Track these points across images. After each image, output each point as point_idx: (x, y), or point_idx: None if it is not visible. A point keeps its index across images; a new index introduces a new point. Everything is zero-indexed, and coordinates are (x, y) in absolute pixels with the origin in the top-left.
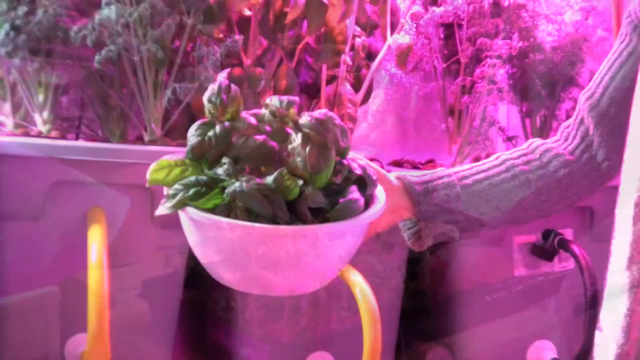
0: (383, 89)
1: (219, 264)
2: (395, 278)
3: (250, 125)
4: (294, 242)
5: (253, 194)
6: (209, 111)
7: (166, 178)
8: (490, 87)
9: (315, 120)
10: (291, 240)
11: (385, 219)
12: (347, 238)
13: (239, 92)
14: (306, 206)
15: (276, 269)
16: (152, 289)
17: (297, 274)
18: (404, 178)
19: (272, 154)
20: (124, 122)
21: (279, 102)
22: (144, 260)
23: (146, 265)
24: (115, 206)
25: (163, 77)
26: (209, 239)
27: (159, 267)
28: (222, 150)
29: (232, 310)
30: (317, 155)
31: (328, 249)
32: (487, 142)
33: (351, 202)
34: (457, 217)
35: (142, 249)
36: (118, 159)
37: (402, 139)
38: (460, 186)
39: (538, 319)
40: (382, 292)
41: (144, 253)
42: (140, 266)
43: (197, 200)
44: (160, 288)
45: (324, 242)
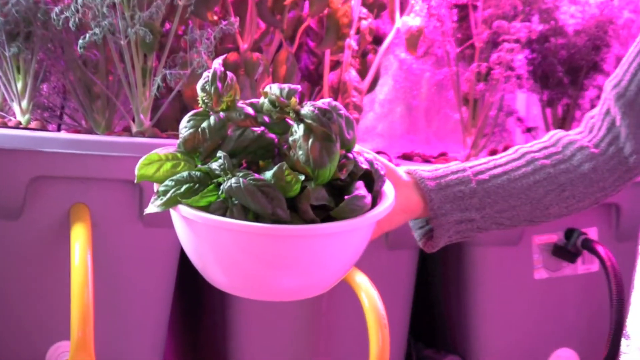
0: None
1: (214, 267)
2: (404, 281)
3: (248, 115)
4: (295, 243)
5: (250, 191)
6: (202, 101)
7: (156, 174)
8: (508, 74)
9: (319, 111)
10: (292, 241)
11: (394, 217)
12: (353, 238)
13: (235, 80)
14: (308, 204)
15: (276, 272)
16: (141, 293)
17: (299, 277)
18: (414, 173)
19: (271, 147)
20: (110, 112)
21: (279, 91)
22: (131, 262)
23: (134, 267)
24: (100, 203)
25: (152, 63)
26: (202, 240)
27: (148, 269)
28: (216, 143)
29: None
30: (320, 149)
31: (332, 250)
32: (504, 134)
33: (357, 199)
34: (473, 216)
35: (129, 250)
36: (103, 152)
37: (412, 130)
38: (475, 182)
39: (559, 326)
40: (390, 296)
41: (131, 254)
42: (127, 268)
43: (189, 198)
44: (150, 292)
45: (328, 242)
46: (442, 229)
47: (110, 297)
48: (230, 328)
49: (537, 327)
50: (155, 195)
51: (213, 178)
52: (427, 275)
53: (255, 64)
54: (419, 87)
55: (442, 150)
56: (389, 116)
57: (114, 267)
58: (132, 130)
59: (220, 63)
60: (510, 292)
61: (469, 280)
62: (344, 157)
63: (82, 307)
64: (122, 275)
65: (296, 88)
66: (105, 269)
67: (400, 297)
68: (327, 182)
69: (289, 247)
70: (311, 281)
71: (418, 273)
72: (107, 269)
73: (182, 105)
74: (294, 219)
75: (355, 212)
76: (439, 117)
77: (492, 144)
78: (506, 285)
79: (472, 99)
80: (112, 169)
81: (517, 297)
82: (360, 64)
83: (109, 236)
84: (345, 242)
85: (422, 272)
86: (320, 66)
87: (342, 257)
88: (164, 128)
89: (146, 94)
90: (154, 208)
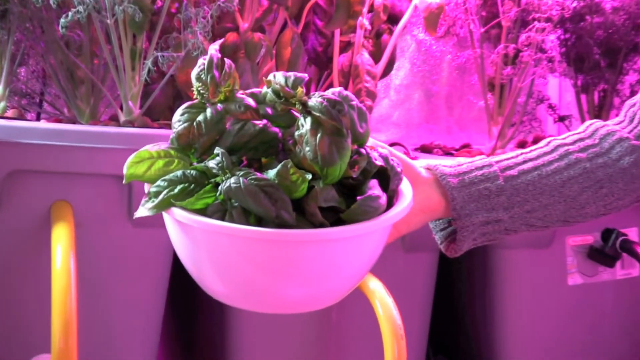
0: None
1: (211, 276)
2: (423, 287)
3: (249, 107)
4: (302, 250)
5: (252, 192)
6: (198, 91)
7: (147, 173)
8: (539, 56)
9: (328, 102)
10: (298, 247)
11: (412, 218)
12: (367, 243)
13: (233, 68)
14: (316, 205)
15: (280, 281)
16: (130, 301)
17: (306, 287)
18: (435, 169)
19: (274, 143)
20: (95, 99)
21: (284, 79)
22: (119, 265)
23: (122, 271)
24: (84, 201)
25: (142, 45)
26: (198, 246)
27: (138, 274)
28: (213, 138)
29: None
30: (330, 144)
31: (343, 257)
32: (534, 123)
33: (371, 199)
34: (500, 216)
35: (117, 252)
36: (88, 144)
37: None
38: (503, 178)
39: (595, 337)
40: (408, 304)
41: (119, 257)
42: (115, 273)
43: (184, 200)
44: (140, 299)
45: (338, 248)
46: (466, 230)
47: (96, 305)
48: (229, 340)
49: (570, 338)
50: (146, 197)
51: (210, 178)
52: (448, 281)
53: (256, 46)
54: (439, 71)
55: (464, 141)
56: (405, 103)
57: (100, 271)
58: (120, 119)
59: (217, 49)
60: (541, 300)
61: (496, 286)
62: (356, 153)
63: (65, 315)
64: (109, 281)
65: (303, 77)
66: (91, 274)
67: (418, 305)
68: (337, 181)
69: (295, 254)
70: (320, 292)
71: (438, 279)
72: (93, 274)
73: (175, 91)
74: (301, 223)
75: (369, 214)
76: (462, 104)
77: (520, 134)
78: (537, 292)
79: (498, 84)
80: (98, 163)
81: (549, 305)
82: (374, 45)
83: (94, 237)
84: (357, 247)
85: (443, 278)
86: (329, 48)
87: (355, 265)
88: (155, 117)
89: (135, 79)
90: (145, 211)
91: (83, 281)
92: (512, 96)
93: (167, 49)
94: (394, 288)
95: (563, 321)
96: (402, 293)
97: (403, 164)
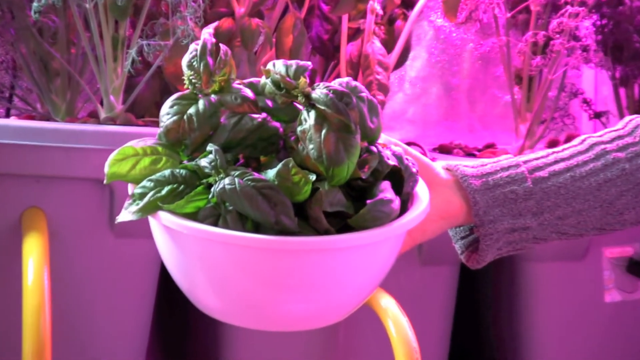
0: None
1: (203, 289)
2: (441, 305)
3: (246, 99)
4: (304, 259)
5: (249, 194)
6: (189, 80)
7: (131, 172)
8: (572, 45)
9: (334, 93)
10: (301, 257)
11: (429, 225)
12: (378, 253)
13: (230, 55)
14: (321, 210)
15: (281, 295)
16: (111, 320)
17: (310, 302)
18: (455, 169)
19: (274, 139)
20: (72, 93)
21: (285, 68)
22: (99, 280)
23: (103, 287)
24: (60, 208)
25: (125, 32)
26: (189, 256)
27: (121, 289)
28: (206, 133)
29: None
30: (336, 141)
31: (351, 268)
32: (567, 120)
33: (382, 203)
34: (528, 223)
35: (97, 265)
36: (64, 144)
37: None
38: (532, 180)
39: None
40: (424, 323)
41: (100, 271)
42: (94, 288)
43: (173, 202)
44: (123, 318)
45: (345, 258)
46: (490, 239)
47: (74, 325)
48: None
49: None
50: (130, 199)
51: (202, 178)
52: (470, 298)
53: (254, 33)
54: (459, 62)
55: (488, 140)
56: (422, 98)
57: (78, 287)
58: (100, 116)
59: (211, 33)
60: (575, 318)
61: (524, 303)
62: (366, 151)
63: (37, 337)
64: (88, 297)
65: (306, 65)
66: (67, 290)
67: (436, 325)
68: (345, 182)
69: (297, 264)
70: (324, 307)
71: (459, 294)
72: (69, 290)
73: (162, 84)
74: (303, 229)
75: (380, 220)
76: (485, 99)
77: (551, 132)
78: (570, 310)
79: (526, 76)
80: (75, 165)
81: (583, 323)
82: (387, 32)
83: (71, 249)
84: (367, 257)
85: (464, 294)
86: (336, 35)
87: (364, 277)
88: (140, 113)
89: (117, 70)
90: (129, 215)
91: (58, 299)
92: (542, 90)
93: (154, 37)
94: (408, 305)
95: (599, 343)
96: (418, 311)
97: (419, 163)
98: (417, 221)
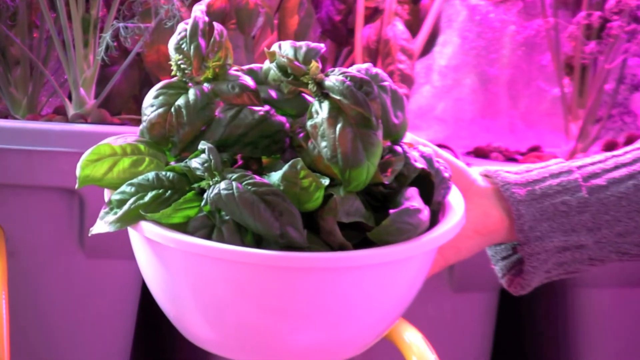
0: (457, 31)
1: (194, 315)
2: (477, 340)
3: (245, 88)
4: (315, 280)
5: (248, 201)
6: (177, 66)
7: (108, 175)
8: (633, 28)
9: (352, 81)
10: (311, 277)
11: (463, 242)
12: (402, 273)
13: (226, 35)
14: (335, 221)
15: (287, 323)
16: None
17: (321, 331)
18: (495, 176)
19: (279, 136)
20: (35, 86)
21: (293, 50)
22: (68, 307)
23: (72, 315)
24: (20, 222)
25: (98, 12)
26: (176, 275)
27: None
28: (198, 129)
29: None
30: (354, 138)
31: (370, 291)
32: (627, 118)
33: (408, 214)
34: (582, 240)
35: (65, 290)
36: (25, 146)
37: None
38: (587, 189)
39: None
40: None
41: (68, 296)
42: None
43: (157, 211)
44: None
45: (364, 279)
46: (537, 259)
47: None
48: None
49: None
50: (107, 207)
51: (193, 182)
52: (511, 332)
53: (252, 14)
54: (498, 48)
55: (533, 142)
56: (453, 91)
57: (43, 316)
58: (68, 112)
59: (203, 10)
60: (636, 353)
61: (576, 335)
62: (389, 152)
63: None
64: (54, 327)
65: (318, 47)
66: (29, 319)
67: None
68: (364, 188)
69: (306, 286)
70: (338, 338)
71: (498, 327)
72: (32, 319)
73: (142, 75)
74: (314, 244)
75: (406, 234)
76: (529, 92)
77: (608, 132)
78: (631, 345)
79: (578, 65)
80: (38, 171)
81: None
82: (411, 13)
83: (34, 271)
84: (390, 278)
85: (504, 327)
86: (350, 16)
87: (386, 303)
88: (115, 109)
89: (89, 58)
90: (105, 226)
91: (20, 329)
92: (598, 82)
93: (132, 18)
94: (438, 340)
95: None
96: (449, 347)
97: (452, 168)
98: (449, 236)
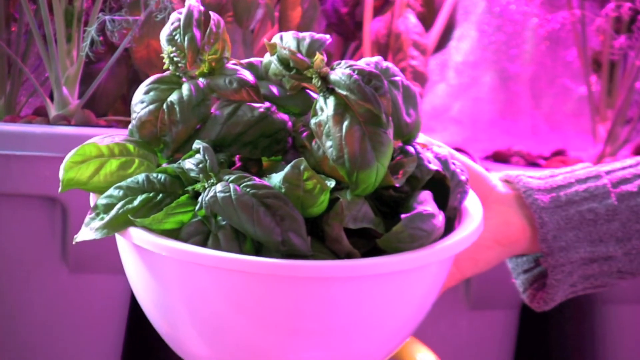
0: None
1: (188, 331)
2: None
3: (244, 83)
4: (319, 291)
5: (247, 205)
6: (170, 59)
7: (94, 178)
8: None
9: (360, 75)
10: (315, 287)
11: (481, 252)
12: (415, 283)
13: (223, 26)
14: (342, 227)
15: (289, 338)
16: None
17: (326, 348)
18: (516, 181)
19: (281, 135)
20: (13, 85)
21: (296, 42)
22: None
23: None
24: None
25: (83, 4)
26: (169, 285)
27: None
28: (192, 127)
29: None
30: (362, 137)
31: (380, 304)
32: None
33: (421, 219)
34: (611, 251)
35: (45, 307)
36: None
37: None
38: (616, 196)
39: None
40: None
41: (49, 314)
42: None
43: (148, 216)
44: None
45: (372, 290)
46: (561, 272)
47: None
48: None
49: None
50: (93, 213)
51: (187, 185)
52: (532, 350)
53: (251, 5)
54: (520, 43)
55: (557, 146)
56: (471, 90)
57: (22, 335)
58: (50, 114)
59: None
60: None
61: (603, 356)
62: (401, 152)
63: None
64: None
65: (323, 39)
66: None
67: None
68: (373, 192)
69: (309, 298)
70: (344, 356)
71: (519, 347)
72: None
73: (130, 73)
74: (318, 252)
75: (419, 241)
76: (554, 91)
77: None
78: None
79: (607, 61)
80: (17, 178)
81: None
82: (424, 4)
83: (12, 287)
84: (401, 290)
85: (524, 345)
86: (358, 8)
87: (396, 316)
88: (101, 110)
89: (72, 54)
90: (90, 233)
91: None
92: (628, 80)
93: (119, 11)
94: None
95: None
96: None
97: (469, 171)
98: (466, 244)
